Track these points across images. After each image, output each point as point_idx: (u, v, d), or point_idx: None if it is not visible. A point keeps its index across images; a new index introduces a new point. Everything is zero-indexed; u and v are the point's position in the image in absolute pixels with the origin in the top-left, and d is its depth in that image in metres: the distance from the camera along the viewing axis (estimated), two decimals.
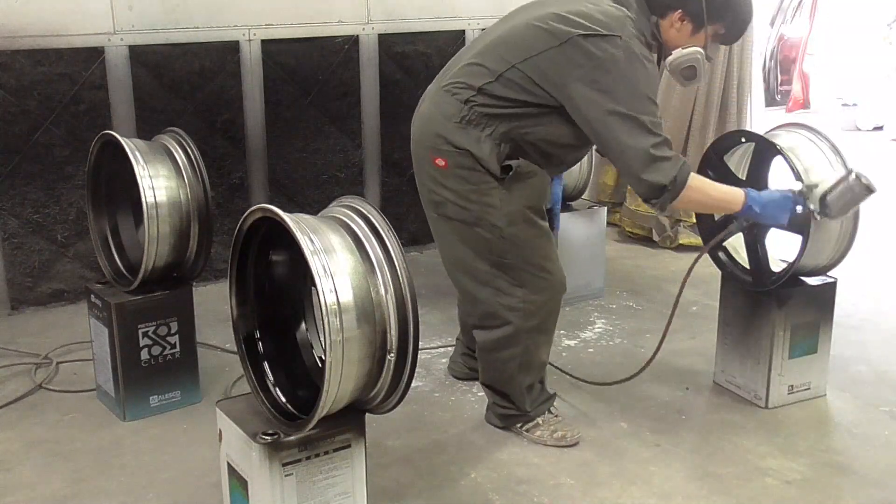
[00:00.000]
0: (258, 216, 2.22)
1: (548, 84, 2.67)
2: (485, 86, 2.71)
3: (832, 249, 3.15)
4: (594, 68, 2.60)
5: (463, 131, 2.75)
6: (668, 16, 2.77)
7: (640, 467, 2.87)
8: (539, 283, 2.87)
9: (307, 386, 2.37)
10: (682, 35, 2.80)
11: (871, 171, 2.96)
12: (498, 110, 2.71)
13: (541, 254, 2.86)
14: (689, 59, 2.79)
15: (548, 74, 2.66)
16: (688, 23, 2.77)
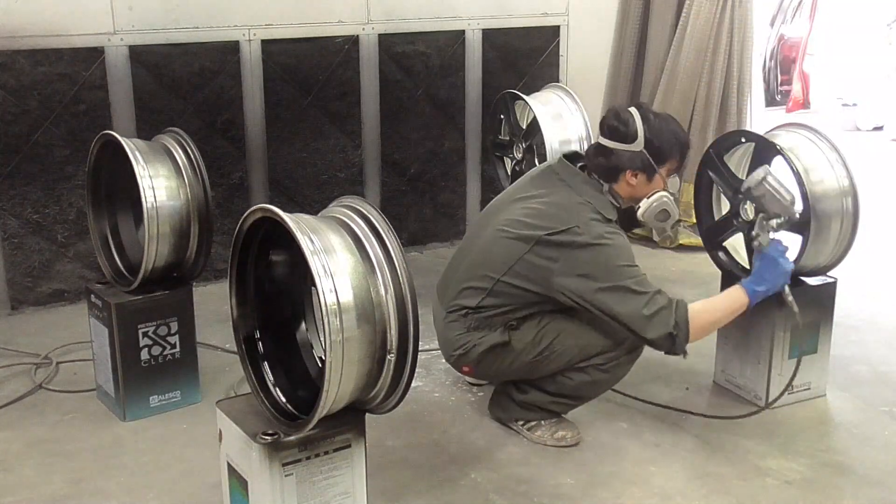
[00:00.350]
0: (258, 216, 2.22)
1: (534, 285, 2.85)
2: (480, 304, 2.91)
3: (832, 249, 3.15)
4: (566, 261, 2.78)
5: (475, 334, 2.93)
6: (620, 179, 2.90)
7: (640, 467, 2.87)
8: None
9: (307, 386, 2.37)
10: (639, 187, 2.91)
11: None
12: (498, 311, 2.91)
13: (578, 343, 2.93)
14: (658, 206, 2.93)
15: (530, 277, 2.84)
16: (640, 175, 2.89)
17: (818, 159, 3.09)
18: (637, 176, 2.89)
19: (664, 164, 2.92)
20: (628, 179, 2.89)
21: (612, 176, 2.90)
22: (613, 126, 2.88)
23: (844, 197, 3.07)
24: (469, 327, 2.93)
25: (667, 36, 5.22)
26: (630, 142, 2.86)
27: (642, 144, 2.85)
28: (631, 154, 2.86)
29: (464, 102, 5.16)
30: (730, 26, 5.00)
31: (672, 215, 2.98)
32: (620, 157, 2.86)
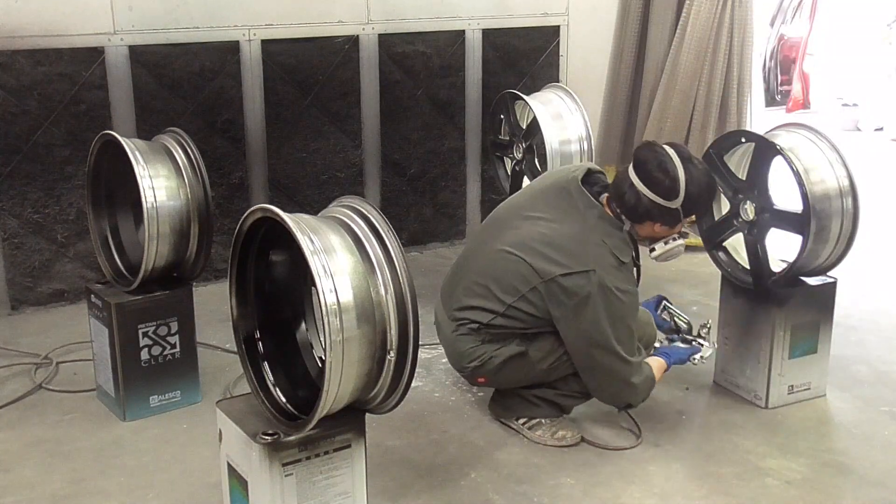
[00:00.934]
0: (258, 216, 2.22)
1: (542, 312, 2.87)
2: (491, 322, 2.92)
3: (832, 249, 3.15)
4: (574, 307, 2.79)
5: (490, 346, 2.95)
6: (646, 224, 2.87)
7: (639, 467, 2.87)
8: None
9: (307, 386, 2.37)
10: (660, 232, 2.90)
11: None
12: (510, 329, 2.93)
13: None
14: (675, 254, 2.95)
15: (538, 306, 2.86)
16: (666, 225, 2.87)
17: (818, 159, 3.09)
18: (662, 225, 2.87)
19: (691, 214, 2.92)
20: (654, 227, 2.87)
21: (638, 219, 2.85)
22: (656, 179, 2.77)
23: (844, 197, 3.07)
24: (483, 340, 2.94)
25: (667, 36, 5.23)
26: (671, 199, 2.79)
27: (681, 203, 2.79)
28: (667, 209, 2.80)
29: (464, 102, 5.16)
30: (730, 26, 5.00)
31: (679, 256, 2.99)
32: (653, 208, 2.80)
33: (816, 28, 9.77)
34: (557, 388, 3.01)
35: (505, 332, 2.92)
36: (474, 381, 3.07)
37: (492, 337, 2.93)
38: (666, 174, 2.76)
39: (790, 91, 9.82)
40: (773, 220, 3.14)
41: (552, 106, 4.30)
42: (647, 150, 2.85)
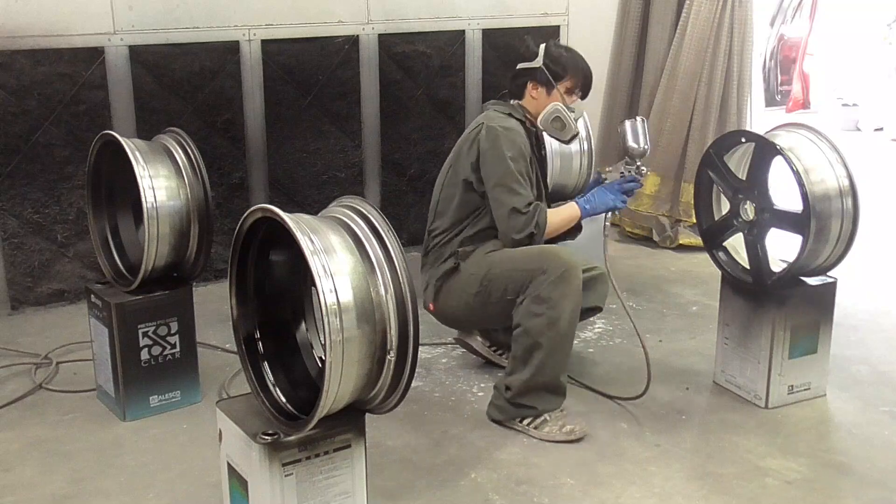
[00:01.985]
0: (258, 216, 2.22)
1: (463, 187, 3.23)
2: (430, 229, 3.35)
3: (832, 249, 3.15)
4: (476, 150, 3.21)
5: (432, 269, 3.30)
6: (525, 92, 3.32)
7: (639, 467, 2.87)
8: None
9: (307, 386, 2.37)
10: (540, 101, 3.31)
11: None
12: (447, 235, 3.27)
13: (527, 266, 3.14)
14: (551, 113, 3.28)
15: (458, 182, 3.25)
16: (540, 88, 3.29)
17: (818, 159, 3.09)
18: (537, 89, 3.28)
19: (562, 81, 3.27)
20: (531, 93, 3.30)
21: (520, 92, 3.34)
22: (520, 52, 3.34)
23: (844, 197, 3.07)
24: (427, 264, 3.32)
25: (667, 36, 5.23)
26: (531, 59, 3.30)
27: (541, 61, 3.27)
28: (531, 69, 3.29)
29: (464, 102, 5.17)
30: (730, 26, 5.00)
31: (567, 125, 3.29)
32: (523, 73, 3.31)
33: (816, 28, 9.78)
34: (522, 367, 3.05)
35: (443, 245, 3.26)
36: (427, 308, 3.30)
37: (434, 256, 3.29)
38: (528, 45, 3.34)
39: (790, 91, 9.83)
40: (773, 220, 3.14)
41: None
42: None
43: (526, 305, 3.02)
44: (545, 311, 2.99)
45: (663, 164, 5.16)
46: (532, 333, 3.01)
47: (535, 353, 3.02)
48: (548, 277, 2.99)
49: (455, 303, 3.23)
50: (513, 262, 3.10)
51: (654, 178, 5.21)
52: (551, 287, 2.99)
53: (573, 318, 3.04)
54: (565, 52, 3.33)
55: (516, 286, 3.06)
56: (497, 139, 3.16)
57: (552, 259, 3.03)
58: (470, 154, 3.21)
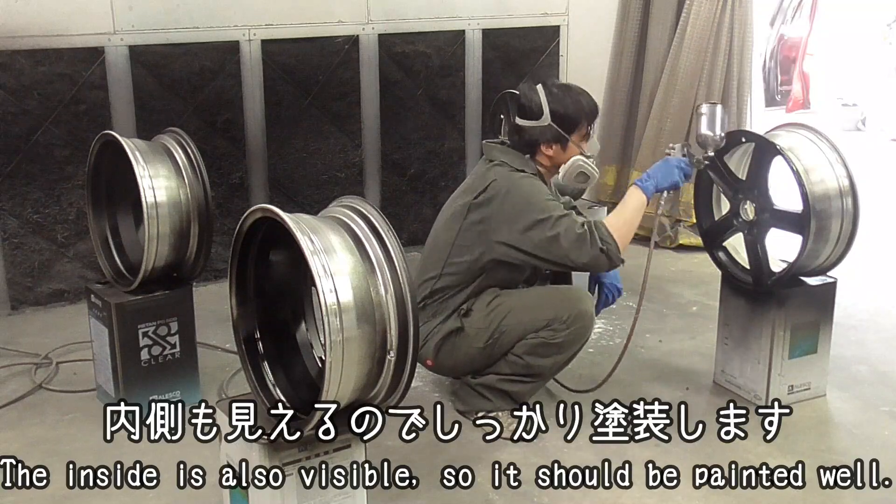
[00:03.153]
0: (258, 216, 2.21)
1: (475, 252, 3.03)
2: (434, 288, 3.10)
3: (832, 249, 3.15)
4: (494, 214, 2.99)
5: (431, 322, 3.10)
6: (538, 152, 3.10)
7: (640, 467, 2.86)
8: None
9: (307, 386, 2.37)
10: (556, 155, 3.09)
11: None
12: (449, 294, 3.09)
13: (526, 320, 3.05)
14: (574, 169, 3.08)
15: (469, 245, 3.04)
16: (555, 146, 3.07)
17: (818, 159, 3.09)
18: (552, 147, 3.07)
19: (574, 132, 3.07)
20: (545, 151, 3.08)
21: (531, 150, 3.10)
22: (521, 105, 3.08)
23: (844, 197, 3.07)
24: (430, 315, 3.09)
25: (667, 36, 5.22)
26: (538, 118, 3.04)
27: (549, 118, 3.03)
28: (541, 128, 3.05)
29: (464, 102, 5.16)
30: (730, 26, 5.00)
31: (591, 175, 3.11)
32: (532, 132, 3.06)
33: (816, 28, 9.77)
34: (501, 372, 3.07)
35: (444, 301, 3.07)
36: (424, 363, 3.14)
37: (434, 310, 3.09)
38: (527, 98, 3.07)
39: (790, 91, 9.82)
40: (773, 220, 3.14)
41: None
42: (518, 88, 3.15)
43: (536, 346, 3.02)
44: (554, 354, 3.04)
45: None
46: (533, 368, 3.05)
47: (524, 378, 3.07)
48: (566, 326, 3.01)
49: (459, 358, 3.10)
50: (527, 312, 3.03)
51: None
52: (565, 336, 3.02)
53: (573, 358, 3.12)
54: (569, 98, 3.07)
55: (530, 332, 3.02)
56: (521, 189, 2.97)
57: (570, 307, 3.02)
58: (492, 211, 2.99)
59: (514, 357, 3.05)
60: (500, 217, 2.98)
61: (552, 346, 3.03)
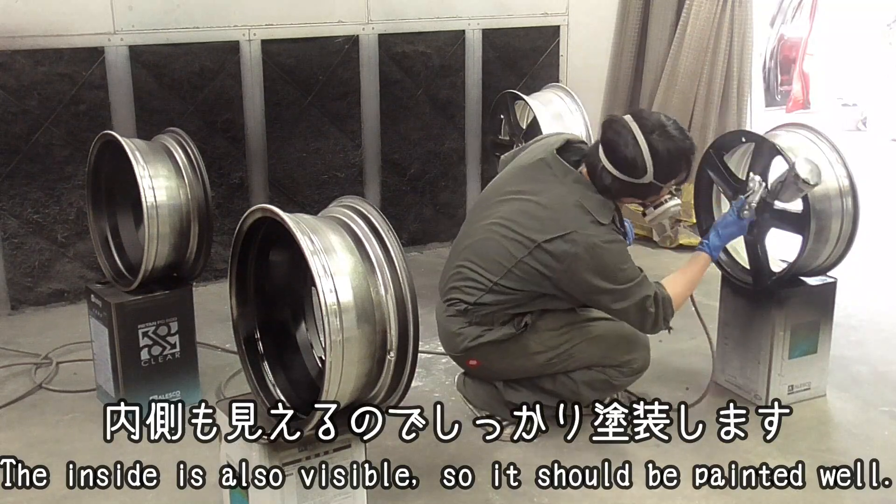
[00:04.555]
0: (258, 216, 2.22)
1: (533, 286, 2.89)
2: (478, 300, 2.94)
3: (832, 249, 3.15)
4: (564, 271, 2.83)
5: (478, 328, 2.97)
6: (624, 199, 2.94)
7: (640, 467, 2.86)
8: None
9: (307, 386, 2.37)
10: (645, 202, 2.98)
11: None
12: (498, 308, 2.94)
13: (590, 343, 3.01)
14: (669, 215, 2.99)
15: (528, 280, 2.88)
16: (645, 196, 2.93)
17: (818, 159, 3.09)
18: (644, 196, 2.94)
19: (671, 181, 2.90)
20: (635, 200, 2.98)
21: (616, 197, 2.90)
22: (622, 159, 2.80)
23: (844, 197, 3.07)
24: (471, 322, 2.97)
25: (667, 36, 5.22)
26: (639, 176, 2.81)
27: (652, 177, 2.82)
28: (639, 185, 2.84)
29: (464, 102, 5.16)
30: (730, 26, 5.00)
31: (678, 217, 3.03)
32: (627, 186, 2.84)
33: (816, 28, 9.77)
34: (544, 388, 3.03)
35: (493, 313, 2.94)
36: (466, 363, 3.07)
37: (480, 318, 2.95)
38: (630, 151, 2.78)
39: (790, 91, 9.82)
40: (773, 220, 3.14)
41: (552, 106, 4.30)
42: (609, 129, 2.85)
43: (598, 380, 3.02)
44: (606, 391, 3.05)
45: None
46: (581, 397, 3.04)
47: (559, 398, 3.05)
48: (633, 372, 3.04)
49: (511, 364, 3.00)
50: (604, 347, 3.00)
51: None
52: (626, 381, 3.05)
53: None
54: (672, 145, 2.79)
55: (599, 364, 3.02)
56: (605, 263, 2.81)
57: (638, 352, 3.05)
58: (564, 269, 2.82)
59: (569, 380, 3.01)
60: (569, 277, 2.84)
61: (611, 386, 3.04)
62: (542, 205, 2.87)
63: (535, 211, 2.87)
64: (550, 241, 2.81)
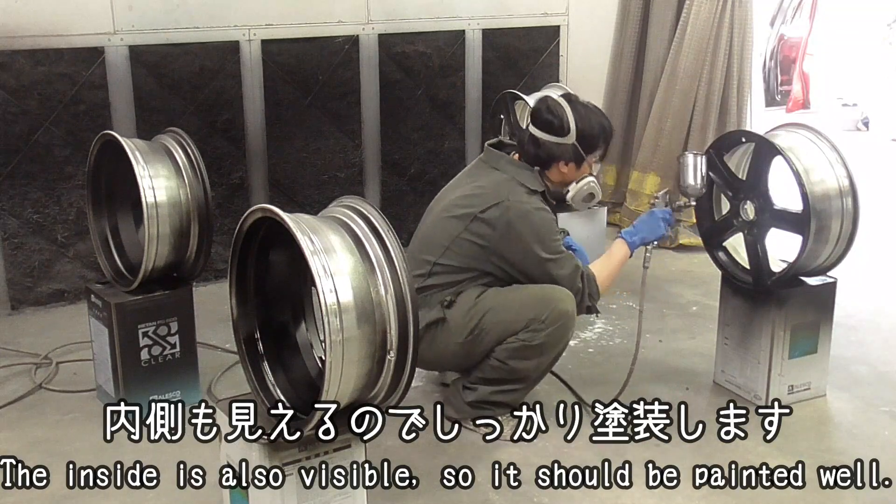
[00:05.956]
0: (258, 216, 2.22)
1: (469, 261, 3.04)
2: (422, 285, 3.05)
3: (832, 249, 3.15)
4: (500, 238, 3.00)
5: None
6: (552, 167, 3.10)
7: (640, 467, 2.87)
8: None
9: (307, 386, 2.37)
10: (569, 174, 3.12)
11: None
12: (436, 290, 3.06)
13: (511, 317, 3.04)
14: (586, 190, 3.15)
15: (465, 254, 3.04)
16: (571, 164, 3.09)
17: (818, 159, 3.09)
18: (568, 165, 3.08)
19: (592, 153, 3.10)
20: (560, 168, 3.09)
21: (545, 164, 3.09)
22: (547, 120, 3.05)
23: (844, 197, 3.07)
24: None
25: (667, 36, 5.23)
26: (563, 135, 3.04)
27: (574, 138, 3.03)
28: (564, 146, 3.05)
29: (464, 102, 5.17)
30: (730, 26, 5.00)
31: (596, 197, 3.19)
32: (553, 148, 3.06)
33: (816, 28, 9.77)
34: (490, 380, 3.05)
35: (431, 296, 3.04)
36: None
37: (421, 302, 3.00)
38: (554, 114, 3.05)
39: (790, 91, 9.82)
40: (773, 220, 3.14)
41: None
42: (538, 103, 3.16)
43: (517, 348, 3.00)
44: (536, 356, 3.02)
45: (663, 164, 5.16)
46: (518, 372, 3.04)
47: (515, 384, 3.06)
48: (545, 327, 2.98)
49: (439, 350, 3.05)
50: (508, 311, 3.00)
51: (654, 178, 5.21)
52: (548, 337, 2.99)
53: (558, 358, 3.10)
54: (594, 118, 3.09)
55: (510, 333, 3.00)
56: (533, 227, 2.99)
57: (551, 307, 2.99)
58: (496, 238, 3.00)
59: (498, 362, 3.03)
60: (505, 244, 3.00)
61: (533, 349, 3.00)
62: (479, 185, 3.11)
63: (472, 192, 3.10)
64: (485, 211, 3.00)
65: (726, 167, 3.25)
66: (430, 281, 3.05)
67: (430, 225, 3.16)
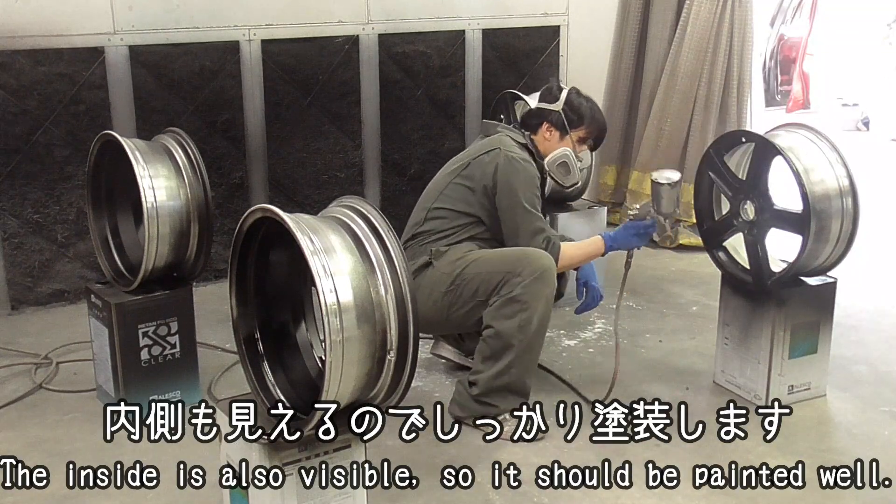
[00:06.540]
0: (258, 216, 2.22)
1: (460, 204, 3.28)
2: (416, 232, 3.32)
3: (832, 249, 3.15)
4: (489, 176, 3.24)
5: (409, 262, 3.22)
6: (539, 130, 3.40)
7: (640, 467, 2.87)
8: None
9: (307, 386, 2.37)
10: (552, 142, 3.40)
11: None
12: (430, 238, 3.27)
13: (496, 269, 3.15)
14: (560, 157, 3.39)
15: (456, 197, 3.29)
16: (555, 131, 3.38)
17: (818, 159, 3.09)
18: (551, 131, 3.37)
19: (576, 129, 3.37)
20: (545, 132, 3.38)
21: (534, 127, 3.41)
22: (545, 90, 3.45)
23: (844, 197, 3.07)
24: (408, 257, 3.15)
25: (667, 36, 5.23)
26: (552, 101, 3.39)
27: (561, 105, 3.37)
28: (550, 111, 3.38)
29: (464, 102, 5.17)
30: (730, 26, 5.00)
31: (571, 171, 3.41)
32: (542, 112, 3.41)
33: (816, 28, 9.77)
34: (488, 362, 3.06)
35: (424, 244, 3.24)
36: None
37: (414, 251, 3.25)
38: (553, 87, 3.45)
39: (790, 91, 9.83)
40: (773, 220, 3.14)
41: None
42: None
43: (498, 307, 3.04)
44: (518, 312, 3.02)
45: (663, 164, 5.15)
46: (504, 335, 3.03)
47: (505, 354, 3.05)
48: (522, 280, 3.02)
49: (422, 300, 3.09)
50: (487, 264, 3.11)
51: None
52: (525, 289, 3.02)
53: (545, 320, 3.09)
54: (585, 102, 3.42)
55: (488, 288, 3.07)
56: (517, 172, 3.22)
57: (528, 261, 3.05)
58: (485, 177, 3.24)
59: (487, 329, 3.06)
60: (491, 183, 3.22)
61: (513, 303, 3.01)
62: (475, 146, 3.45)
63: (468, 150, 3.46)
64: (477, 157, 3.31)
65: (726, 167, 3.25)
66: (425, 227, 3.29)
67: (430, 183, 3.45)
